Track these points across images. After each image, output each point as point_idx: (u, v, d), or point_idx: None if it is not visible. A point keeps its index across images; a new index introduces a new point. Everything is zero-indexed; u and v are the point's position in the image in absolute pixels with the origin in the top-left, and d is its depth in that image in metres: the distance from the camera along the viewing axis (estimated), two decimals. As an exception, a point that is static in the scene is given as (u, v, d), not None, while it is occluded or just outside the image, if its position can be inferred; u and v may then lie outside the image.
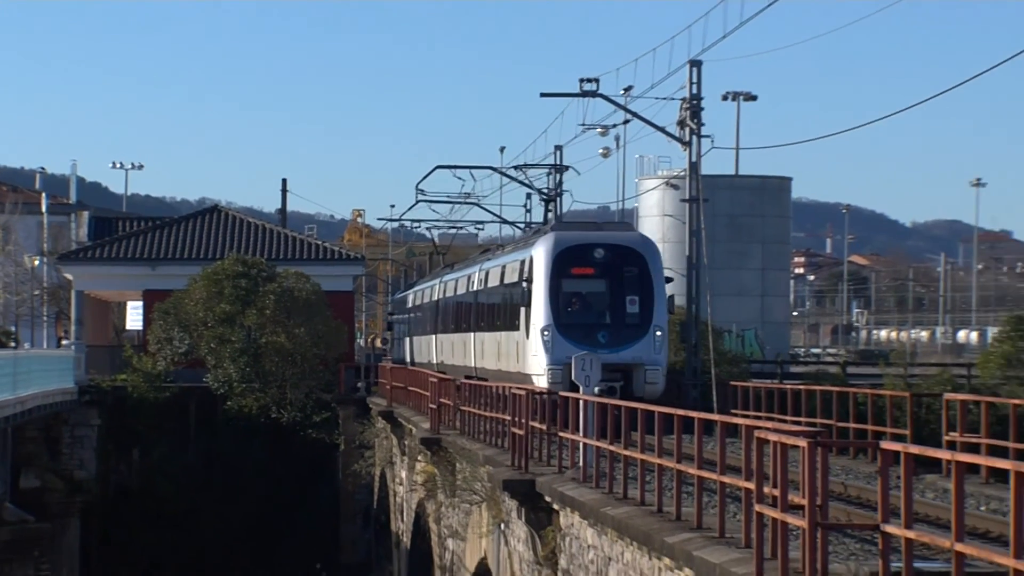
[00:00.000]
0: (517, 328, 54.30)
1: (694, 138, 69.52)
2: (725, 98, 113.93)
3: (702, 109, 70.94)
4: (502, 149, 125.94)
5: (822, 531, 21.93)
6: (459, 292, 76.87)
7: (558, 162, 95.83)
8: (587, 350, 46.61)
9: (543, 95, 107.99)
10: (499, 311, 61.05)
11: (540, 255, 51.12)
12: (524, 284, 52.10)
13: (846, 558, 23.53)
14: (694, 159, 69.26)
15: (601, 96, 76.10)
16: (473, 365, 65.75)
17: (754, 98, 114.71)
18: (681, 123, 69.33)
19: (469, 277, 73.12)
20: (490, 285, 65.09)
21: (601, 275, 51.85)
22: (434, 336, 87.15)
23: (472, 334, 68.39)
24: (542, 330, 49.63)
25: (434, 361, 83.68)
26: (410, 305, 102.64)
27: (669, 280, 53.27)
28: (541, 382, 48.56)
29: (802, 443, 23.01)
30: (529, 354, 51.21)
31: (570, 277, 51.16)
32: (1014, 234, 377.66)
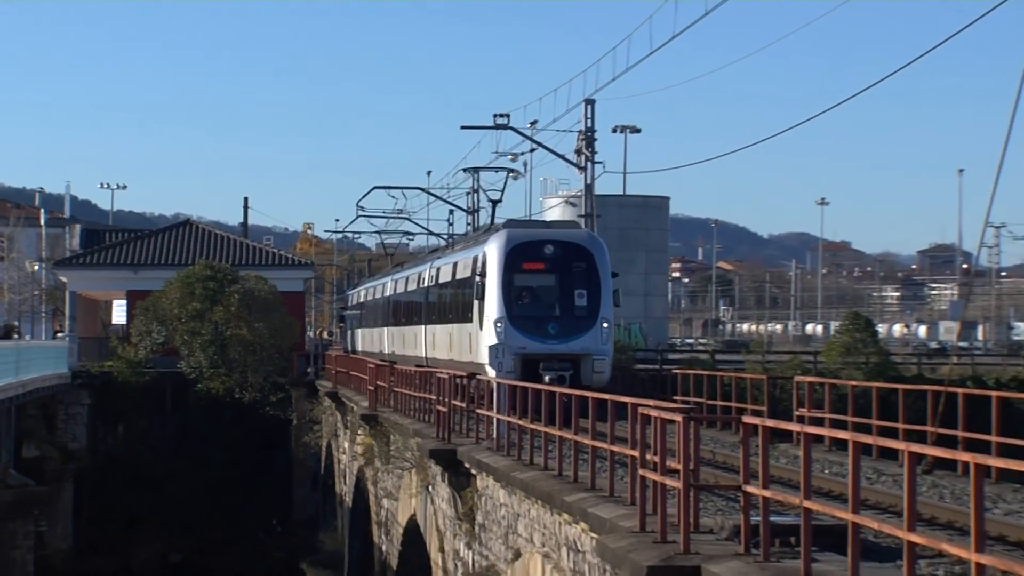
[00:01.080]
0: (470, 320, 50.04)
1: (589, 164, 69.59)
2: (614, 130, 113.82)
3: (595, 140, 71.00)
4: (429, 173, 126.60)
5: (694, 491, 21.93)
6: (410, 288, 71.19)
7: (475, 185, 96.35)
8: (538, 341, 46.29)
9: (463, 127, 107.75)
10: (451, 305, 57.09)
11: (493, 251, 47.37)
12: (478, 278, 48.14)
13: (714, 513, 23.52)
14: (589, 182, 69.34)
15: (511, 129, 76.07)
16: (424, 355, 61.78)
17: (638, 130, 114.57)
18: (578, 151, 69.36)
19: (420, 274, 67.81)
20: (441, 281, 60.30)
21: (551, 270, 48.00)
22: (385, 328, 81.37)
23: (423, 327, 63.50)
24: (495, 322, 45.85)
25: (385, 351, 77.82)
26: (360, 301, 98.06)
27: (615, 275, 49.25)
28: (494, 371, 44.50)
29: (678, 418, 23.02)
30: (483, 345, 47.02)
31: (521, 272, 47.31)
32: (852, 244, 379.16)
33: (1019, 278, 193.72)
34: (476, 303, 48.47)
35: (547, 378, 42.61)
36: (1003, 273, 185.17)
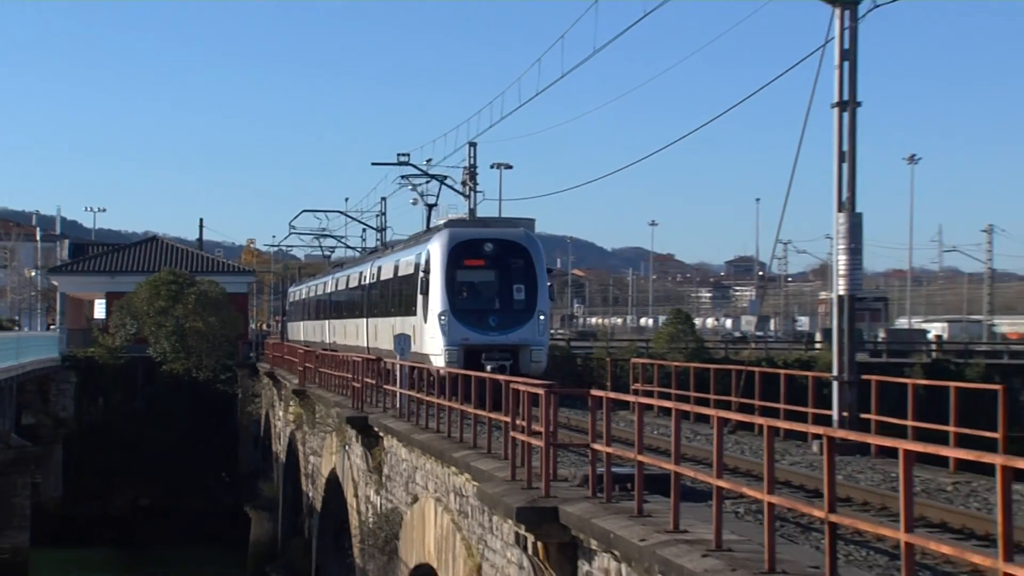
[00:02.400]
0: (413, 314, 45.39)
1: (472, 193, 69.83)
2: (492, 166, 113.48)
3: (476, 174, 71.37)
4: (346, 199, 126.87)
5: (553, 448, 22.11)
6: (351, 285, 65.64)
7: (383, 210, 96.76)
8: (479, 333, 41.86)
9: (373, 164, 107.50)
10: (394, 300, 51.52)
11: (437, 249, 42.76)
12: (422, 275, 43.36)
13: (569, 466, 23.73)
14: (472, 207, 69.37)
15: (412, 165, 76.25)
16: (366, 345, 56.25)
17: (510, 167, 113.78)
18: (463, 183, 69.60)
19: (361, 273, 62.40)
20: (383, 278, 54.76)
21: (491, 266, 43.15)
22: (326, 321, 75.91)
23: (365, 320, 58.16)
24: (439, 315, 41.52)
25: (326, 341, 72.70)
26: (302, 298, 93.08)
27: (551, 271, 45.55)
28: (438, 361, 40.40)
29: (541, 392, 23.25)
30: (427, 336, 42.64)
31: (463, 268, 42.63)
32: (676, 256, 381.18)
33: (802, 282, 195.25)
34: (420, 297, 43.94)
35: (489, 367, 39.22)
36: (789, 279, 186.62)
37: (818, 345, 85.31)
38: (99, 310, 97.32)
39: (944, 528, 18.92)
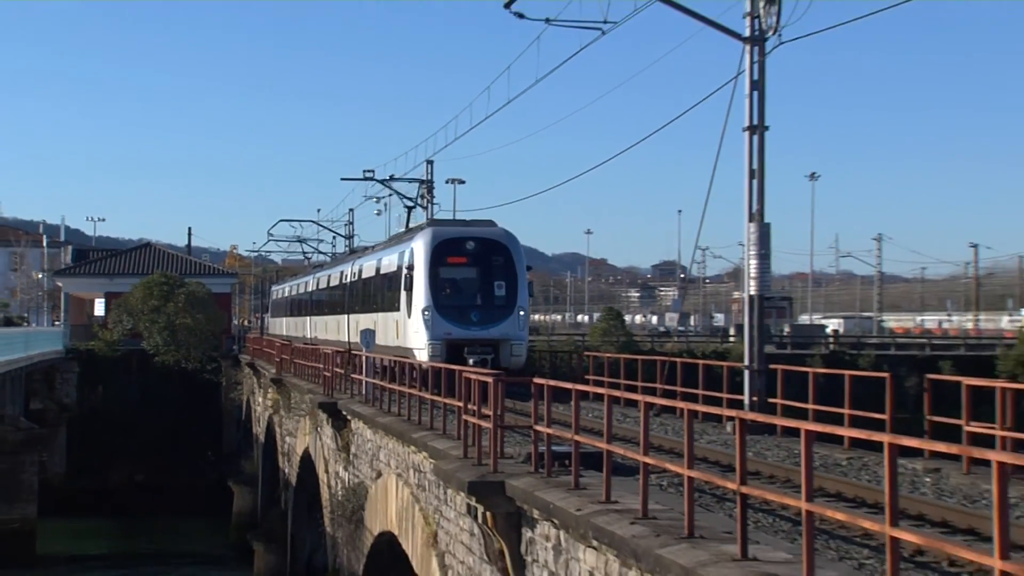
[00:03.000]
0: (396, 309, 42.74)
1: (429, 205, 69.85)
2: (447, 182, 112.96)
3: (434, 188, 71.47)
4: (318, 210, 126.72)
5: (500, 430, 22.15)
6: (332, 284, 62.43)
7: (351, 220, 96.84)
8: (462, 328, 39.06)
9: (343, 179, 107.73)
10: (376, 296, 48.48)
11: (420, 247, 39.92)
12: (406, 272, 40.59)
13: (514, 445, 23.81)
14: (430, 217, 69.82)
15: (376, 180, 76.31)
16: (347, 340, 52.87)
17: (463, 182, 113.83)
18: (421, 196, 69.62)
19: (342, 272, 59.12)
20: (364, 276, 51.66)
21: (472, 264, 40.30)
22: (308, 318, 72.74)
23: (347, 316, 55.14)
24: (423, 311, 38.61)
25: (307, 336, 69.41)
26: (284, 296, 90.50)
27: (530, 268, 42.18)
28: (422, 355, 38.12)
29: (490, 380, 23.33)
30: (411, 331, 39.88)
31: (446, 265, 39.83)
32: (609, 260, 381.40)
33: (718, 284, 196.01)
34: (404, 294, 41.07)
35: (471, 361, 36.59)
36: (707, 280, 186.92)
37: (732, 338, 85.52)
38: (99, 308, 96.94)
39: (839, 497, 19.05)
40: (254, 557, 55.75)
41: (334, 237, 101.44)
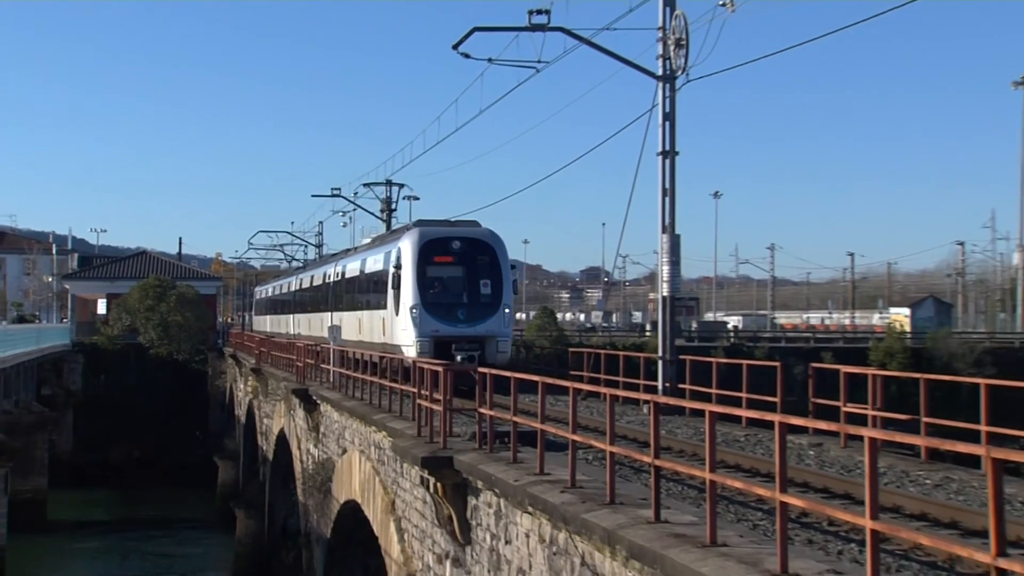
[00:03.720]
0: (383, 307, 38.58)
1: (388, 219, 69.98)
2: (403, 198, 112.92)
3: (392, 203, 71.48)
4: (292, 222, 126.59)
5: (450, 412, 22.19)
6: (315, 284, 58.05)
7: (320, 231, 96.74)
8: (449, 325, 35.18)
9: (313, 196, 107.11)
10: (362, 295, 44.28)
11: (408, 246, 36.08)
12: (394, 270, 36.63)
13: (461, 425, 23.83)
14: (389, 230, 69.81)
15: (343, 197, 76.16)
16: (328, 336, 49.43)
17: (418, 198, 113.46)
18: (382, 211, 69.49)
19: (325, 273, 54.73)
20: (348, 276, 47.55)
21: (459, 263, 36.32)
22: (291, 315, 67.73)
23: (330, 313, 50.55)
24: (411, 308, 34.87)
25: (291, 333, 64.81)
26: (268, 296, 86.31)
27: (513, 267, 37.99)
28: (410, 351, 34.19)
29: (440, 369, 23.33)
30: (398, 329, 36.05)
31: (433, 264, 35.92)
32: (543, 266, 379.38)
33: (636, 286, 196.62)
34: (392, 292, 37.00)
35: (459, 357, 33.90)
36: (627, 283, 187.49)
37: (648, 333, 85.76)
38: (101, 307, 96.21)
39: (738, 468, 19.17)
40: (236, 522, 55.48)
41: (305, 246, 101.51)
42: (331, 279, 52.01)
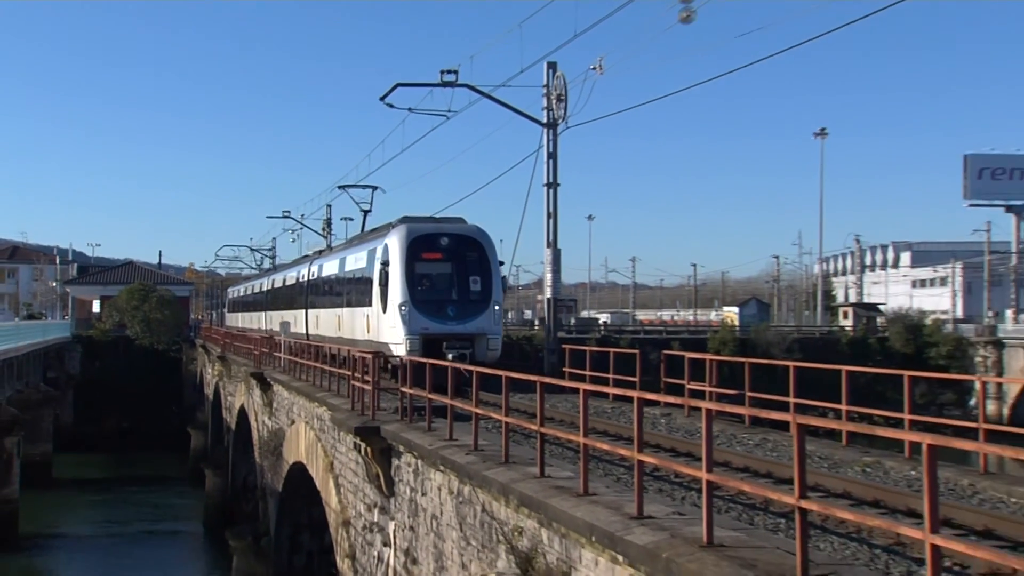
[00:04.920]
0: (367, 304, 31.63)
1: (330, 237, 69.50)
2: (341, 219, 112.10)
3: (331, 223, 70.98)
4: (251, 238, 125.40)
5: (377, 391, 22.07)
6: (288, 284, 50.54)
7: (274, 246, 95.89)
8: (438, 323, 28.88)
9: (268, 217, 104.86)
10: (342, 292, 36.34)
11: (395, 242, 29.64)
12: (381, 267, 29.95)
13: (387, 401, 23.70)
14: (329, 245, 69.25)
15: (291, 218, 75.60)
16: (306, 332, 42.69)
17: (352, 219, 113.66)
18: (323, 230, 69.03)
19: (300, 272, 47.19)
20: (326, 275, 40.07)
21: (447, 259, 29.74)
22: (264, 313, 59.24)
23: (305, 311, 43.68)
24: (399, 306, 28.76)
25: (264, 329, 56.47)
26: (241, 295, 79.19)
27: (502, 263, 31.25)
28: (399, 350, 28.63)
29: (369, 356, 23.18)
30: (386, 326, 29.77)
31: (422, 261, 29.47)
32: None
33: (527, 290, 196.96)
34: (378, 289, 30.24)
35: (450, 356, 27.62)
36: (521, 287, 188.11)
37: (536, 327, 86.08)
38: (96, 307, 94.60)
39: (605, 434, 19.26)
40: (205, 479, 54.73)
41: (262, 258, 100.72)
42: (305, 278, 45.02)
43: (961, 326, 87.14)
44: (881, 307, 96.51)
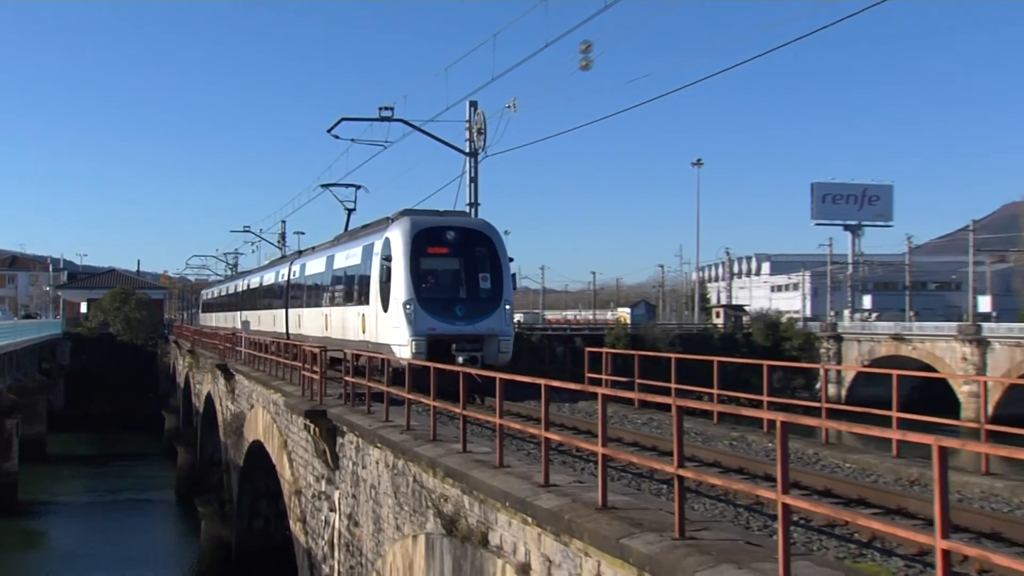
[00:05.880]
0: (364, 303, 25.37)
1: (282, 249, 68.47)
2: (294, 233, 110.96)
3: (285, 237, 69.97)
4: (216, 249, 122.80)
5: (324, 379, 21.74)
6: (266, 284, 43.56)
7: (236, 258, 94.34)
8: (446, 323, 22.81)
9: (230, 231, 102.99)
10: (333, 291, 29.48)
11: (398, 236, 23.59)
12: (382, 263, 23.81)
13: (334, 388, 23.39)
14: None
15: (251, 232, 74.40)
16: (286, 331, 36.62)
17: (304, 233, 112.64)
18: (278, 241, 68.10)
19: (279, 272, 40.09)
20: (309, 273, 33.33)
21: (454, 255, 23.90)
22: (238, 312, 51.27)
23: (285, 311, 37.33)
24: (404, 304, 22.86)
25: (236, 327, 47.51)
26: (215, 296, 70.34)
27: (511, 260, 24.92)
28: (403, 352, 22.48)
29: (317, 350, 22.81)
30: (387, 327, 23.74)
31: (427, 256, 23.54)
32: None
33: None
34: (377, 287, 24.07)
35: (460, 359, 21.80)
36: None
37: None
38: (83, 308, 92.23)
39: (519, 415, 19.14)
40: (177, 455, 53.66)
41: (226, 267, 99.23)
42: (286, 278, 38.06)
43: (809, 324, 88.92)
44: (746, 308, 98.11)
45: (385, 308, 23.24)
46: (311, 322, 31.83)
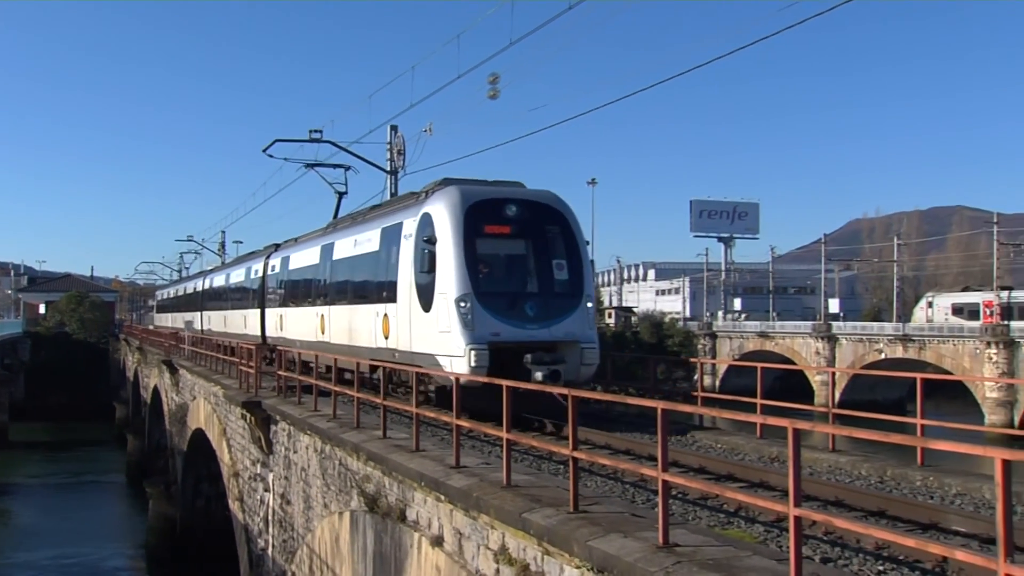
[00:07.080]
0: (391, 300, 15.57)
1: (222, 256, 66.73)
2: (233, 242, 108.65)
3: (225, 245, 68.18)
4: (163, 256, 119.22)
5: (259, 373, 21.17)
6: (233, 283, 35.16)
7: (182, 264, 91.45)
8: (514, 326, 13.49)
9: (176, 240, 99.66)
10: (326, 286, 20.67)
11: (444, 211, 13.40)
12: (422, 245, 13.70)
13: (268, 381, 22.77)
14: (224, 262, 66.25)
15: (194, 241, 72.07)
16: (260, 334, 28.07)
17: (242, 242, 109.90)
18: (219, 250, 66.21)
19: (251, 268, 31.11)
20: (293, 267, 24.54)
21: (519, 235, 13.52)
22: (198, 313, 42.89)
23: (259, 310, 28.47)
24: (458, 301, 12.98)
25: (201, 329, 40.89)
26: (171, 296, 60.95)
27: (588, 243, 14.44)
28: (459, 365, 13.01)
29: (253, 347, 22.21)
30: (433, 331, 13.66)
31: (484, 237, 13.25)
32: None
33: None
34: (414, 278, 14.60)
35: (539, 375, 13.35)
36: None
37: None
38: (42, 309, 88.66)
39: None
40: (128, 442, 51.97)
41: (171, 272, 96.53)
42: (259, 274, 29.32)
43: (689, 323, 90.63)
44: (634, 310, 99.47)
45: (426, 307, 14.58)
46: (299, 324, 23.22)
